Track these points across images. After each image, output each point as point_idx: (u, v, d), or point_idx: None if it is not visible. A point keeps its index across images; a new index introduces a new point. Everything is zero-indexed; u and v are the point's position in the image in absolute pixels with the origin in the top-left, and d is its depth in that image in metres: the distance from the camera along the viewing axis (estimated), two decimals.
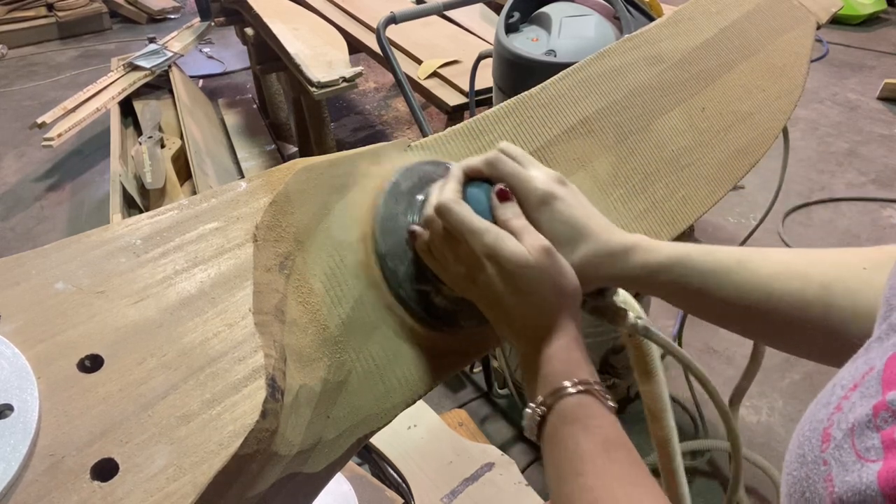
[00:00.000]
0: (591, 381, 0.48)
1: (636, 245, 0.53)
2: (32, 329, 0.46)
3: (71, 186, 3.17)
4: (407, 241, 0.58)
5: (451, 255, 0.54)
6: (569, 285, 0.51)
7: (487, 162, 0.55)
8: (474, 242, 0.51)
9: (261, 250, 0.54)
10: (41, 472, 0.40)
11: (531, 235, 0.51)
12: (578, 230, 0.53)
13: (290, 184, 0.58)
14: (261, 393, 0.45)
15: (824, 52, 3.93)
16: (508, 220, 0.52)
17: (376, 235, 0.59)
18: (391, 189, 0.60)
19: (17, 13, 4.91)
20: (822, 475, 0.31)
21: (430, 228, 0.55)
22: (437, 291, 0.59)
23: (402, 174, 0.62)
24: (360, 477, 1.14)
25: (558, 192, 0.54)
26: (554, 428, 0.47)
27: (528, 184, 0.54)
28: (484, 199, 0.54)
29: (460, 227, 0.51)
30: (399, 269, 0.58)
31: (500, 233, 0.51)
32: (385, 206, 0.60)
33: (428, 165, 0.64)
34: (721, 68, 0.85)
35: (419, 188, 0.60)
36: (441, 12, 1.88)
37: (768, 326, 0.52)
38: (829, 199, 2.71)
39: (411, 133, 3.41)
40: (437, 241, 0.54)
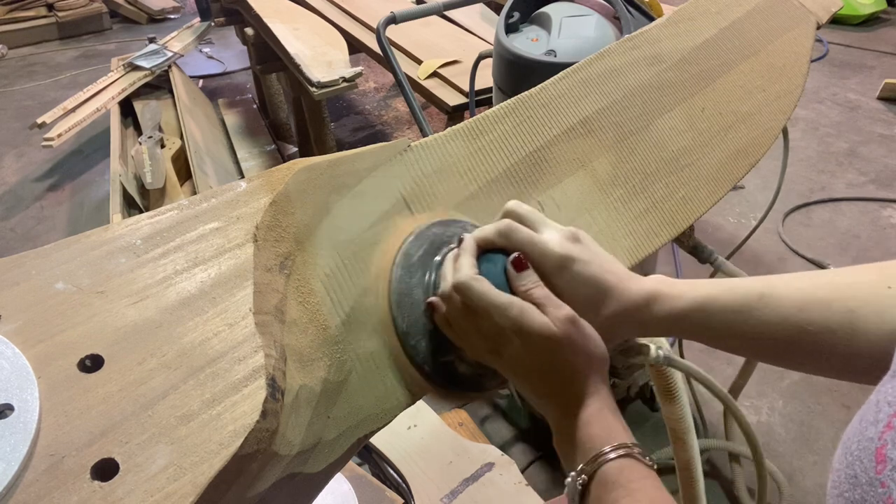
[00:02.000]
0: (629, 443, 0.48)
1: (657, 294, 0.53)
2: (32, 329, 0.46)
3: (71, 186, 3.17)
4: (426, 313, 0.57)
5: (472, 330, 0.53)
6: (596, 351, 0.51)
7: (499, 232, 0.55)
8: (498, 318, 0.50)
9: (261, 250, 0.54)
10: (41, 472, 0.40)
11: (554, 306, 0.50)
12: (599, 290, 0.53)
13: (290, 184, 0.58)
14: (261, 393, 0.45)
15: (824, 52, 3.93)
16: (529, 290, 0.52)
17: (393, 313, 0.58)
18: (402, 262, 0.59)
19: (17, 13, 4.91)
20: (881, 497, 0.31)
21: (449, 305, 0.54)
22: (460, 360, 0.58)
23: (412, 244, 0.60)
24: (360, 477, 1.14)
25: (574, 254, 0.53)
26: (597, 496, 0.47)
27: (544, 249, 0.53)
28: (500, 270, 0.54)
29: (482, 304, 0.51)
30: (420, 344, 0.57)
31: (523, 306, 0.50)
32: (399, 282, 0.59)
33: (435, 228, 0.62)
34: (721, 68, 0.85)
35: (431, 255, 0.59)
36: (441, 12, 1.88)
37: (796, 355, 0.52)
38: (829, 199, 2.70)
39: (411, 133, 3.41)
40: (457, 316, 0.54)
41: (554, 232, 0.54)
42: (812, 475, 1.68)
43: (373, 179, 0.63)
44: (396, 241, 0.61)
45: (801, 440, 1.77)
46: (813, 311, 0.49)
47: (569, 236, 0.54)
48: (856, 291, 0.49)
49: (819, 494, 1.64)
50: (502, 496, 1.18)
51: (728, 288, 0.53)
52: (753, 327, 0.51)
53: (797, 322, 0.49)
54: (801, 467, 1.70)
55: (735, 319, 0.51)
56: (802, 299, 0.50)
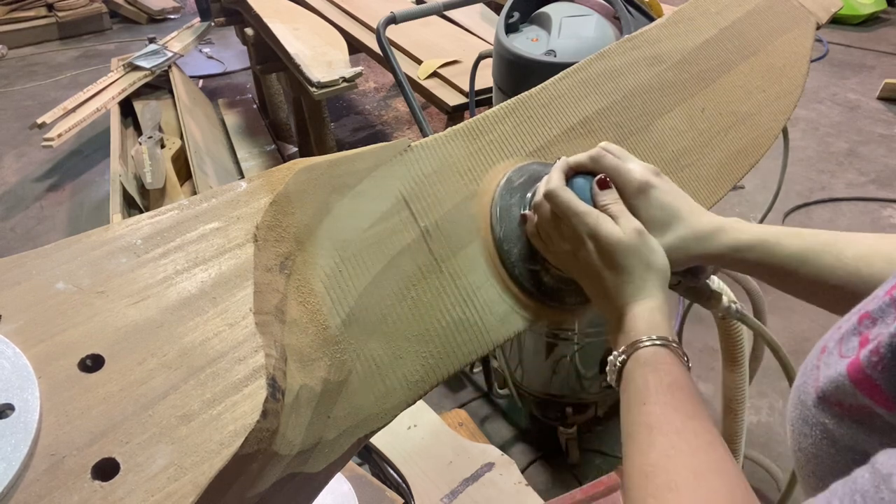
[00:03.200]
0: (669, 338, 0.53)
1: (725, 226, 0.58)
2: (33, 329, 0.46)
3: (71, 186, 3.17)
4: (520, 225, 0.66)
5: (556, 235, 0.61)
6: (657, 261, 0.57)
7: (591, 157, 0.62)
8: (577, 223, 0.58)
9: (261, 250, 0.54)
10: (42, 472, 0.40)
11: (626, 218, 0.58)
12: (672, 214, 0.59)
13: (290, 184, 0.58)
14: (261, 393, 0.45)
15: (824, 52, 3.93)
16: (607, 205, 0.59)
17: (493, 223, 0.66)
18: (505, 184, 0.68)
19: (17, 13, 4.91)
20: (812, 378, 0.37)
21: (539, 212, 0.62)
22: (545, 271, 0.66)
23: (515, 171, 0.69)
24: (360, 477, 1.14)
25: (654, 182, 0.60)
26: (629, 371, 0.53)
27: (627, 175, 0.60)
28: (587, 187, 0.61)
29: (565, 210, 0.58)
30: (513, 251, 0.66)
31: (599, 215, 0.58)
32: (501, 198, 0.67)
33: (536, 165, 0.71)
34: (721, 68, 0.85)
35: (530, 183, 0.68)
36: (441, 12, 1.88)
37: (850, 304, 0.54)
38: (829, 199, 2.71)
39: (411, 133, 3.41)
40: (545, 223, 0.61)
41: (638, 164, 0.61)
42: None
43: (373, 179, 0.63)
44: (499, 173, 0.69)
45: None
46: (873, 263, 0.52)
47: (651, 169, 0.61)
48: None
49: None
50: (502, 496, 1.18)
51: (795, 233, 0.57)
52: (815, 269, 0.54)
53: (856, 271, 0.53)
54: None
55: (798, 259, 0.55)
56: (864, 252, 0.53)
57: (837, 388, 0.34)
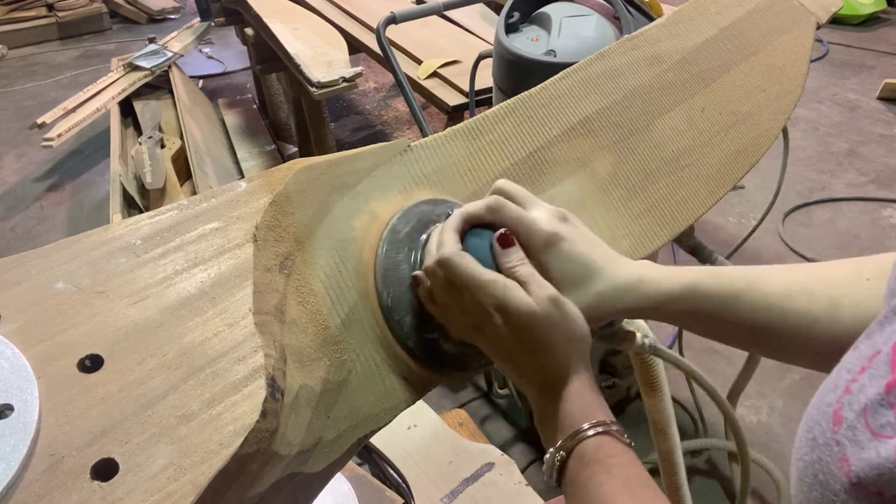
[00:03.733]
0: (607, 421, 0.48)
1: (644, 277, 0.53)
2: (32, 329, 0.46)
3: (71, 186, 3.17)
4: (410, 288, 0.57)
5: (455, 306, 0.53)
6: (578, 331, 0.51)
7: (488, 208, 0.54)
8: (480, 295, 0.50)
9: (261, 250, 0.54)
10: (41, 472, 0.40)
11: (537, 284, 0.50)
12: (586, 268, 0.53)
13: (290, 184, 0.58)
14: (261, 393, 0.45)
15: (824, 52, 3.93)
16: (513, 267, 0.51)
17: (378, 286, 0.58)
18: (389, 237, 0.59)
19: (17, 13, 4.91)
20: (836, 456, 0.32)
21: (432, 279, 0.54)
22: (444, 338, 0.58)
23: (400, 218, 0.60)
24: (360, 477, 1.14)
25: (563, 232, 0.53)
26: (574, 472, 0.47)
27: (532, 227, 0.53)
28: (486, 246, 0.53)
29: (465, 280, 0.51)
30: (405, 320, 0.57)
31: (506, 283, 0.50)
32: (386, 257, 0.58)
33: (425, 206, 0.62)
34: (721, 68, 0.85)
35: (418, 231, 0.59)
36: (441, 12, 1.88)
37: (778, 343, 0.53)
38: (829, 199, 2.70)
39: (411, 133, 3.41)
40: (441, 292, 0.54)
41: (542, 210, 0.54)
42: None
43: (373, 179, 0.63)
44: (384, 219, 0.61)
45: None
46: (798, 299, 0.50)
47: (557, 215, 0.54)
48: (837, 282, 0.50)
49: None
50: (502, 496, 1.18)
51: (716, 274, 0.53)
52: (739, 313, 0.52)
53: (782, 309, 0.51)
54: None
55: (721, 305, 0.52)
56: (788, 288, 0.51)
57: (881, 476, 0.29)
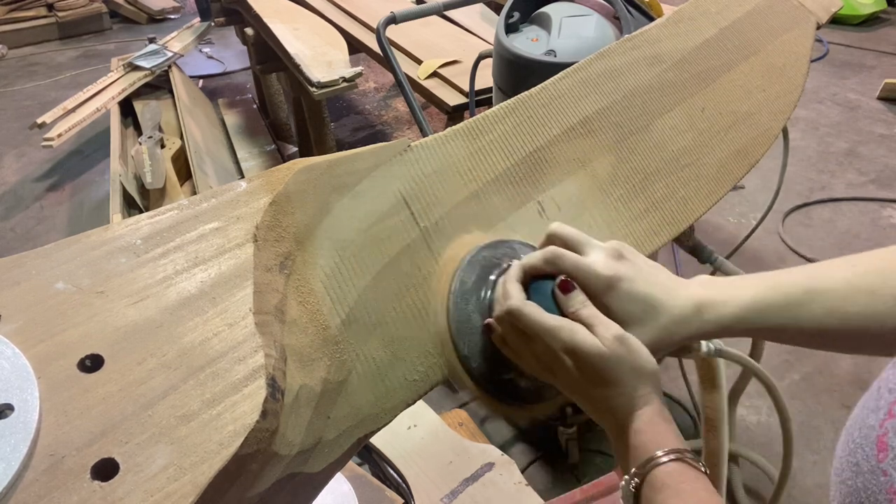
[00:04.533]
0: (680, 448, 0.49)
1: (704, 303, 0.54)
2: (33, 329, 0.46)
3: (71, 186, 3.17)
4: (483, 335, 0.60)
5: (527, 351, 0.55)
6: (646, 365, 0.52)
7: (545, 260, 0.56)
8: (549, 341, 0.52)
9: (261, 250, 0.54)
10: (41, 472, 0.40)
11: (602, 325, 0.52)
12: (647, 305, 0.54)
13: (290, 184, 0.58)
14: (261, 393, 0.45)
15: (824, 52, 3.93)
16: (577, 311, 0.53)
17: (454, 339, 0.60)
18: (459, 288, 0.62)
19: (17, 13, 4.91)
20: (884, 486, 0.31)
21: (503, 326, 0.56)
22: (519, 376, 0.60)
23: (465, 270, 0.63)
24: (360, 477, 1.14)
25: (620, 273, 0.54)
26: (648, 498, 0.49)
27: (590, 272, 0.54)
28: (548, 293, 0.55)
29: (533, 328, 0.53)
30: (483, 366, 0.60)
31: (573, 327, 0.52)
32: (456, 309, 0.61)
33: (486, 251, 0.64)
34: (721, 68, 0.85)
35: (484, 279, 0.61)
36: (441, 12, 1.88)
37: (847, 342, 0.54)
38: (829, 199, 2.71)
39: (411, 133, 3.41)
40: (512, 339, 0.56)
41: (598, 252, 0.55)
42: (812, 475, 1.68)
43: (372, 179, 0.63)
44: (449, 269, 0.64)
45: (801, 440, 1.77)
46: (859, 301, 0.51)
47: (613, 254, 0.55)
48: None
49: (819, 494, 1.64)
50: (502, 496, 1.18)
51: (773, 287, 0.54)
52: (802, 322, 0.53)
53: (845, 313, 0.51)
54: (802, 467, 1.70)
55: (783, 318, 0.53)
56: (847, 290, 0.51)
57: None
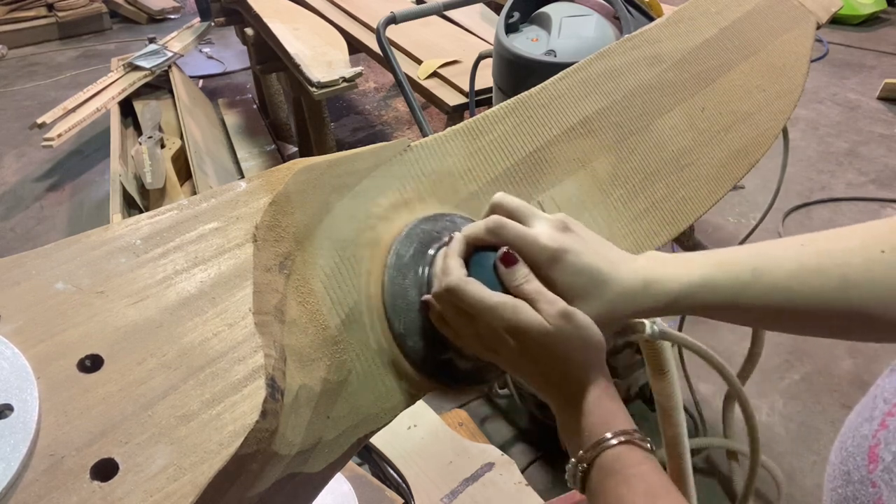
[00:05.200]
0: (629, 429, 0.49)
1: (650, 279, 0.53)
2: (32, 329, 0.46)
3: (71, 186, 3.17)
4: (421, 312, 0.57)
5: (467, 330, 0.53)
6: (593, 341, 0.51)
7: (488, 229, 0.54)
8: (492, 319, 0.50)
9: (261, 250, 0.54)
10: (41, 472, 0.40)
11: (546, 301, 0.50)
12: (593, 278, 0.52)
13: (290, 184, 0.58)
14: (261, 393, 0.45)
15: (824, 52, 3.93)
16: (520, 286, 0.51)
17: (388, 314, 0.58)
18: (394, 262, 0.59)
19: (17, 13, 4.91)
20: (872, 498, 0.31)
21: (442, 303, 0.54)
22: (459, 356, 0.58)
23: (401, 243, 0.60)
24: (360, 477, 1.14)
25: (566, 245, 0.52)
26: (597, 483, 0.48)
27: (535, 244, 0.52)
28: (490, 267, 0.53)
29: (473, 306, 0.51)
30: (419, 344, 0.57)
31: (515, 305, 0.50)
32: (392, 284, 0.58)
33: (424, 224, 0.62)
34: (721, 68, 0.85)
35: (422, 253, 0.59)
36: (441, 12, 1.88)
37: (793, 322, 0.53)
38: (829, 199, 2.71)
39: (411, 133, 3.41)
40: (452, 317, 0.54)
41: (544, 223, 0.53)
42: (812, 475, 1.68)
43: (373, 179, 0.63)
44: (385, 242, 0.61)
45: (801, 440, 1.77)
46: (806, 281, 0.49)
47: (559, 226, 0.53)
48: (848, 257, 0.49)
49: (819, 495, 1.63)
50: (502, 496, 1.18)
51: (721, 264, 0.53)
52: (749, 300, 0.51)
53: (791, 293, 0.50)
54: (801, 467, 1.70)
55: (730, 296, 0.52)
56: (795, 269, 0.50)
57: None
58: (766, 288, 0.51)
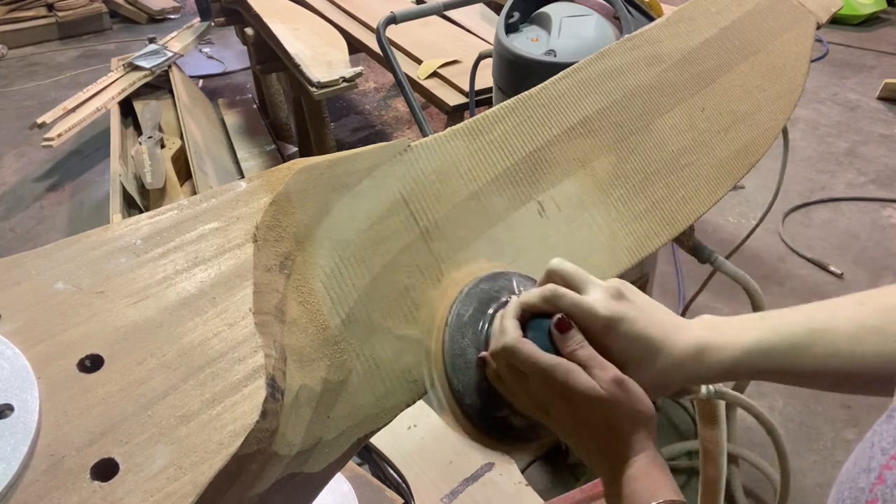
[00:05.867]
0: (675, 499, 0.48)
1: (704, 346, 0.53)
2: (32, 329, 0.46)
3: (71, 186, 3.17)
4: (478, 369, 0.58)
5: (521, 389, 0.54)
6: (644, 410, 0.51)
7: (544, 298, 0.54)
8: (544, 380, 0.51)
9: (261, 250, 0.54)
10: (41, 472, 0.40)
11: (600, 367, 0.50)
12: (647, 348, 0.52)
13: (290, 184, 0.58)
14: (261, 393, 0.45)
15: (824, 52, 3.93)
16: (574, 351, 0.51)
17: (448, 373, 0.59)
18: (454, 322, 0.60)
19: (17, 13, 4.91)
20: None
21: (498, 361, 0.55)
22: (514, 413, 0.59)
23: (462, 302, 0.61)
24: (360, 477, 1.14)
25: (620, 313, 0.52)
26: None
27: (590, 313, 0.52)
28: (546, 332, 0.53)
29: (528, 366, 0.52)
30: (476, 402, 0.58)
31: (569, 368, 0.50)
32: (451, 342, 0.59)
33: (484, 283, 0.63)
34: (721, 68, 0.85)
35: (482, 312, 0.60)
36: (441, 12, 1.88)
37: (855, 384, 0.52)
38: (829, 199, 2.71)
39: (411, 133, 3.41)
40: (507, 376, 0.54)
41: (598, 291, 0.54)
42: (812, 475, 1.68)
43: (372, 179, 0.63)
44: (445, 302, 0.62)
45: (801, 440, 1.77)
46: (865, 342, 0.49)
47: (613, 294, 0.54)
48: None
49: (819, 494, 1.64)
50: (502, 496, 1.17)
51: (775, 329, 0.52)
52: (806, 365, 0.51)
53: (853, 355, 0.49)
54: (802, 467, 1.70)
55: (787, 361, 0.52)
56: (853, 330, 0.50)
57: None
58: (824, 351, 0.50)
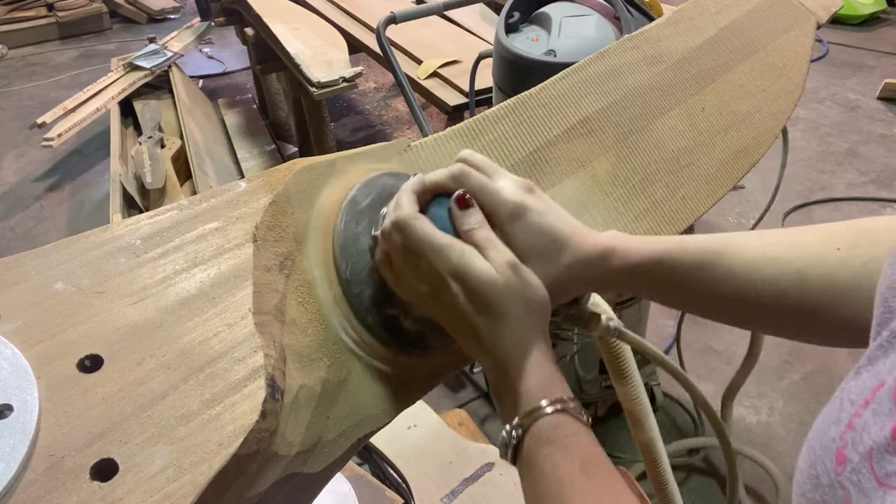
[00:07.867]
0: (565, 398, 0.47)
1: (612, 248, 0.52)
2: (32, 329, 0.46)
3: (71, 186, 3.17)
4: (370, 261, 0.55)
5: (411, 273, 0.51)
6: (538, 300, 0.49)
7: (452, 176, 0.52)
8: (437, 260, 0.48)
9: (261, 250, 0.54)
10: (41, 473, 0.40)
11: (496, 249, 0.48)
12: (553, 240, 0.51)
13: (290, 184, 0.58)
14: (260, 393, 0.45)
15: (824, 52, 3.93)
16: (472, 230, 0.49)
17: (336, 259, 0.55)
18: (349, 207, 0.57)
19: (17, 13, 4.91)
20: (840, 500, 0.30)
21: (388, 242, 0.51)
22: (405, 314, 0.55)
23: (360, 189, 0.58)
24: (360, 477, 1.14)
25: (529, 203, 0.51)
26: (530, 451, 0.46)
27: (497, 196, 0.50)
28: (445, 213, 0.51)
29: (421, 244, 0.49)
30: (364, 293, 0.55)
31: (464, 248, 0.48)
32: (345, 227, 0.56)
33: (387, 178, 0.60)
34: (721, 68, 0.85)
35: (380, 204, 0.56)
36: (441, 12, 1.88)
37: (749, 314, 0.52)
38: (829, 199, 2.71)
39: (411, 133, 3.41)
40: (397, 257, 0.51)
41: (508, 180, 0.52)
42: None
43: None
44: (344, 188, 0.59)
45: (801, 440, 1.77)
46: (765, 269, 0.48)
47: (524, 186, 0.52)
48: (805, 251, 0.48)
49: None
50: (502, 496, 1.17)
51: (683, 244, 0.51)
52: (708, 284, 0.50)
53: (750, 279, 0.49)
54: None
55: (690, 275, 0.51)
56: (755, 257, 0.49)
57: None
58: (725, 271, 0.49)
